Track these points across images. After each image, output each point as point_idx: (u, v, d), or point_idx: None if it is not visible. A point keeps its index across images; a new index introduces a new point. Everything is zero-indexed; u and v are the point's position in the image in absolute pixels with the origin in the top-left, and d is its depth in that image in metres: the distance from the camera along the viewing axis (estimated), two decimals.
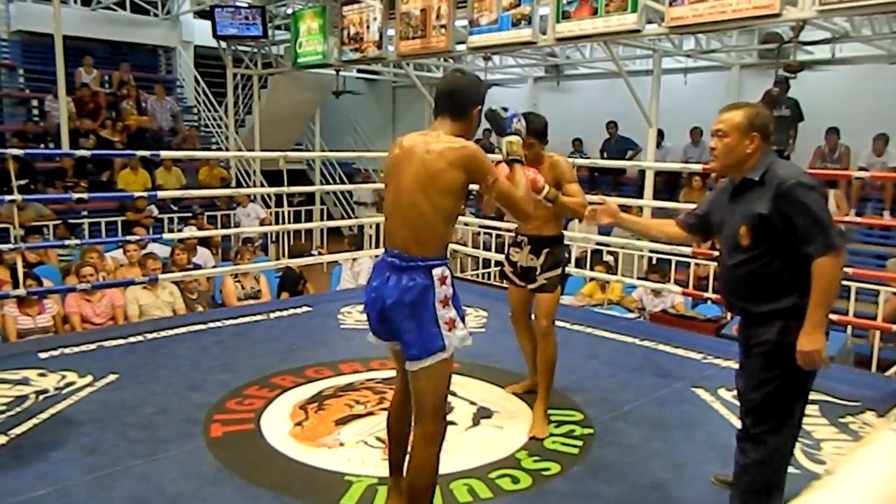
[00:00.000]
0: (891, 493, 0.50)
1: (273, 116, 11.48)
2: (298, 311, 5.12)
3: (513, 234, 3.40)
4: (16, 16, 10.80)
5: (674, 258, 6.11)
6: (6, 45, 10.92)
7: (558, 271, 3.19)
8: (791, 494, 0.57)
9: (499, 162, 2.42)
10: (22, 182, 8.32)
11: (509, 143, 2.28)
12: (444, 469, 2.57)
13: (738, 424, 3.14)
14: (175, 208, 9.21)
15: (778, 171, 2.12)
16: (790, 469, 2.75)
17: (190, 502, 2.47)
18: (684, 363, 4.07)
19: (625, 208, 7.98)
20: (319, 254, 7.06)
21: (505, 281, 3.43)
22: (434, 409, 2.13)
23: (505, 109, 2.33)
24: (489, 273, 7.89)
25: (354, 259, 6.54)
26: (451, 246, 6.49)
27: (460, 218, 6.38)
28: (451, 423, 3.12)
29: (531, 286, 3.23)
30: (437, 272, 2.07)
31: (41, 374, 3.63)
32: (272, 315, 4.98)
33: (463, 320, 2.13)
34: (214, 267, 6.82)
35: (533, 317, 3.31)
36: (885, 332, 4.59)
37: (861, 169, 7.49)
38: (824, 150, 8.22)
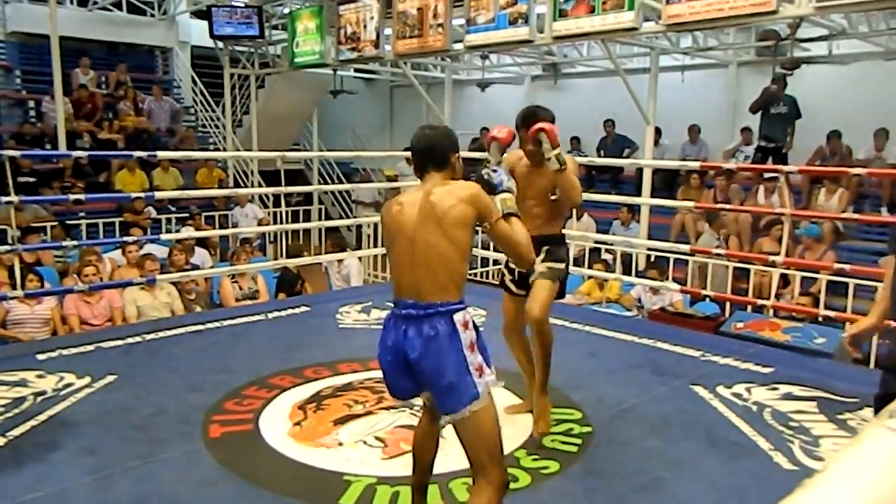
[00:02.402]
0: (882, 491, 0.50)
1: (270, 116, 11.47)
2: (296, 311, 5.12)
3: None
4: (12, 17, 10.77)
5: (671, 256, 6.11)
6: (2, 47, 10.89)
7: (561, 265, 3.10)
8: (785, 492, 0.57)
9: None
10: (29, 180, 8.33)
11: (503, 201, 2.24)
12: (442, 468, 2.58)
13: (735, 421, 3.17)
14: (173, 209, 9.20)
15: None
16: (787, 466, 2.76)
17: (189, 503, 2.47)
18: (683, 361, 4.08)
19: (622, 205, 7.94)
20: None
21: (504, 294, 3.26)
22: (491, 459, 2.03)
23: (495, 171, 2.31)
24: (487, 272, 7.89)
25: (340, 261, 6.53)
26: None
27: None
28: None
29: (531, 279, 3.07)
30: (458, 318, 2.01)
31: (39, 376, 3.63)
32: (270, 315, 4.98)
33: (490, 365, 2.06)
34: (212, 267, 6.81)
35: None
36: (883, 328, 4.59)
37: (859, 164, 7.49)
38: (825, 153, 8.20)
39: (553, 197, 3.04)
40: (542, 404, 3.05)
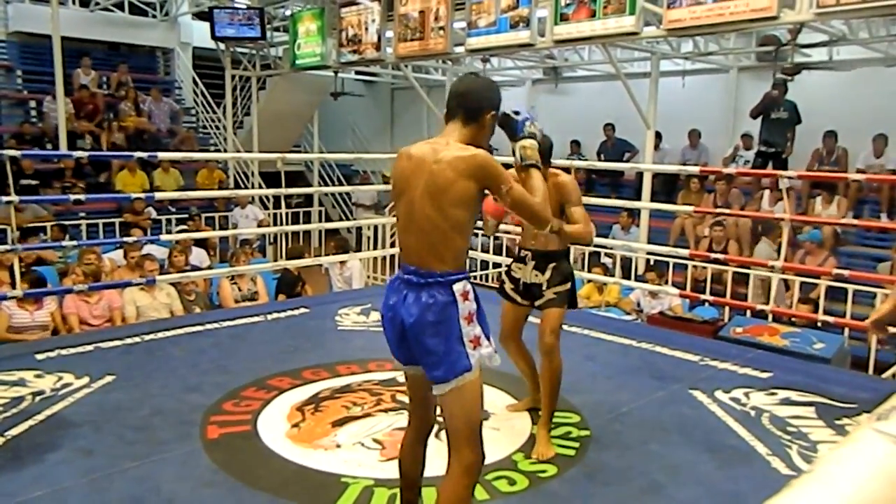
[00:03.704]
0: (867, 492, 0.50)
1: (271, 118, 11.48)
2: (296, 312, 5.12)
3: (515, 249, 3.18)
4: (13, 17, 10.79)
5: (671, 260, 6.12)
6: (4, 47, 10.91)
7: (567, 286, 3.04)
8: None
9: (511, 167, 2.31)
10: (31, 182, 8.34)
11: (523, 148, 2.18)
12: (441, 471, 2.57)
13: (734, 426, 3.17)
14: (173, 210, 9.20)
15: None
16: (785, 471, 2.76)
17: None
18: (681, 365, 4.08)
19: (622, 209, 7.95)
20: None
21: (502, 301, 3.15)
22: (469, 435, 1.99)
23: (517, 112, 2.22)
24: (487, 275, 7.89)
25: (342, 263, 6.52)
26: None
27: None
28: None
29: (537, 302, 3.05)
30: (458, 287, 1.95)
31: (38, 376, 3.62)
32: (269, 317, 4.98)
33: (488, 337, 2.02)
34: (210, 268, 6.82)
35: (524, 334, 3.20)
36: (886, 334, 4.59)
37: (859, 171, 7.50)
38: (822, 153, 8.23)
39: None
40: (542, 435, 2.93)
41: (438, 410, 2.10)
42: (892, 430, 0.56)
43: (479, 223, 2.66)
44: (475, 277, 7.55)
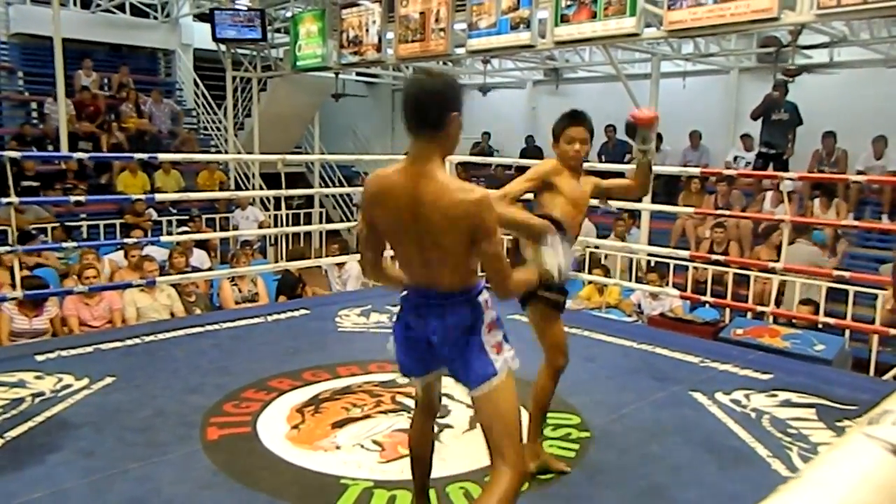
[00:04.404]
0: (857, 499, 0.50)
1: (272, 119, 11.49)
2: (296, 314, 5.12)
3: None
4: (15, 18, 10.81)
5: (672, 262, 6.11)
6: (5, 48, 10.93)
7: None
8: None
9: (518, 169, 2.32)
10: (33, 184, 8.34)
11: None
12: (439, 472, 2.57)
13: (734, 428, 3.16)
14: (174, 211, 9.21)
15: None
16: (786, 473, 2.76)
17: None
18: (682, 367, 4.07)
19: (624, 211, 7.94)
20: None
21: (559, 321, 2.73)
22: (508, 439, 1.91)
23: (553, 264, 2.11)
24: None
25: (340, 265, 6.51)
26: None
27: None
28: (448, 426, 3.13)
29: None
30: (483, 299, 1.93)
31: (38, 377, 3.62)
32: (270, 318, 4.97)
33: (507, 340, 1.98)
34: (211, 269, 6.82)
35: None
36: (883, 335, 4.59)
37: (859, 172, 7.50)
38: (822, 154, 8.23)
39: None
40: (548, 456, 2.80)
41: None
42: (883, 434, 0.56)
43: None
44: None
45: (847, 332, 4.89)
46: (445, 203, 1.78)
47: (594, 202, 3.03)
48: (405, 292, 2.01)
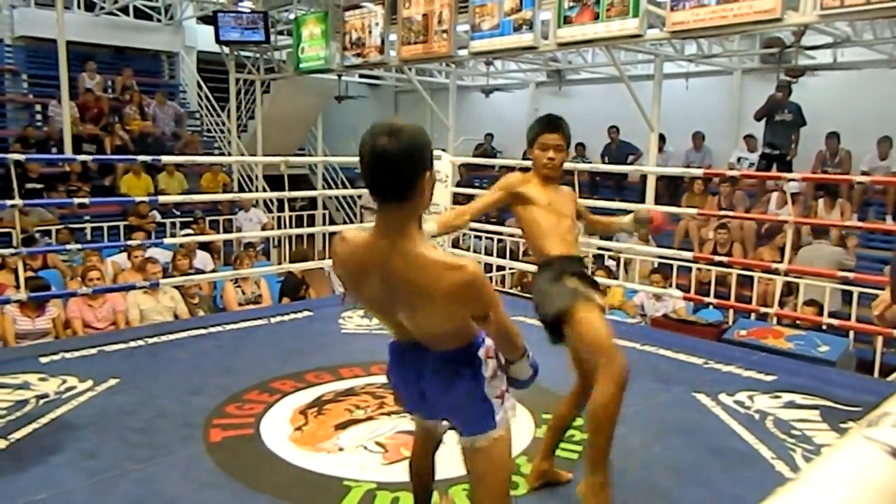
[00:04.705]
0: (854, 501, 0.50)
1: (275, 121, 11.51)
2: (299, 315, 5.13)
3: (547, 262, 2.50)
4: (20, 21, 10.85)
5: (675, 263, 6.10)
6: (10, 51, 10.97)
7: None
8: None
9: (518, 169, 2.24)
10: (37, 186, 8.37)
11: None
12: (442, 474, 2.57)
13: (738, 429, 3.16)
14: (177, 213, 9.23)
15: None
16: (789, 475, 2.75)
17: None
18: (685, 368, 4.06)
19: (626, 212, 7.97)
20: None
21: (596, 310, 2.39)
22: (498, 496, 1.81)
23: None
24: (491, 278, 7.89)
25: None
26: (451, 251, 6.51)
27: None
28: (452, 428, 3.12)
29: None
30: (482, 352, 1.76)
31: (42, 379, 3.63)
32: (273, 320, 4.98)
33: (508, 389, 1.85)
34: (214, 271, 6.83)
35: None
36: (887, 336, 4.57)
37: (864, 173, 7.48)
38: (825, 155, 8.22)
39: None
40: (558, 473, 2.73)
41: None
42: (882, 436, 0.56)
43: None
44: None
45: (851, 334, 4.88)
46: (430, 284, 1.57)
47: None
48: (393, 342, 1.86)
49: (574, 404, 2.56)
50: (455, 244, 7.07)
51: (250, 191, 11.05)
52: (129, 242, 6.61)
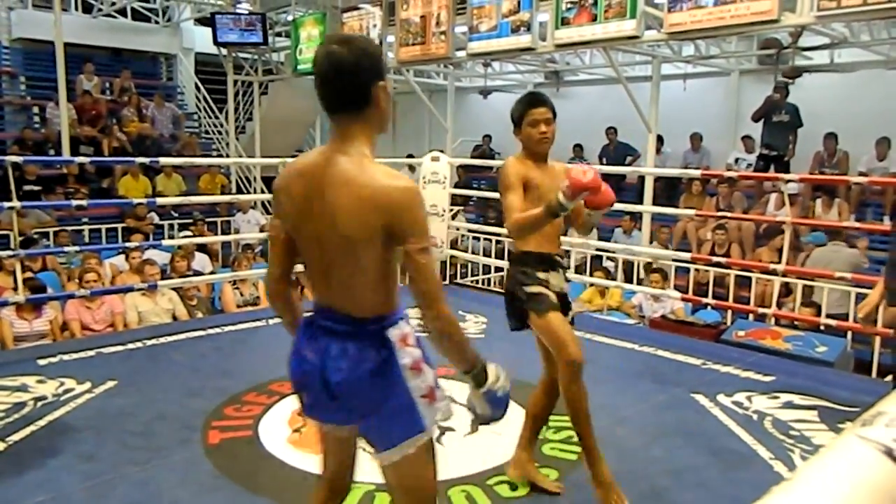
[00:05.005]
0: (848, 501, 0.50)
1: (273, 123, 11.51)
2: None
3: (534, 252, 2.54)
4: (17, 23, 10.85)
5: (673, 264, 6.10)
6: (7, 53, 10.97)
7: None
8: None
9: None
10: (35, 188, 8.36)
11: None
12: (442, 476, 2.56)
13: (736, 430, 3.16)
14: (175, 215, 9.22)
15: None
16: (788, 475, 2.75)
17: None
18: (683, 369, 4.07)
19: (623, 213, 7.93)
20: None
21: (551, 313, 2.46)
22: None
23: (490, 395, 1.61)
24: (489, 279, 7.88)
25: None
26: (449, 252, 6.50)
27: (454, 223, 6.38)
28: (450, 429, 3.12)
29: (567, 319, 2.58)
30: (394, 333, 1.53)
31: (40, 381, 3.63)
32: (271, 321, 4.97)
33: (438, 385, 1.60)
34: (212, 273, 6.82)
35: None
36: (885, 337, 4.57)
37: (861, 174, 7.49)
38: (823, 156, 8.23)
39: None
40: (539, 473, 2.73)
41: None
42: (876, 436, 0.56)
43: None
44: (475, 282, 7.54)
45: (849, 334, 4.88)
46: (358, 186, 1.44)
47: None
48: (309, 313, 1.65)
49: (544, 391, 2.63)
50: (453, 245, 7.07)
51: (248, 192, 11.04)
52: (127, 244, 6.60)
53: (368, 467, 2.77)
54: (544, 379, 2.63)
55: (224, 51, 10.84)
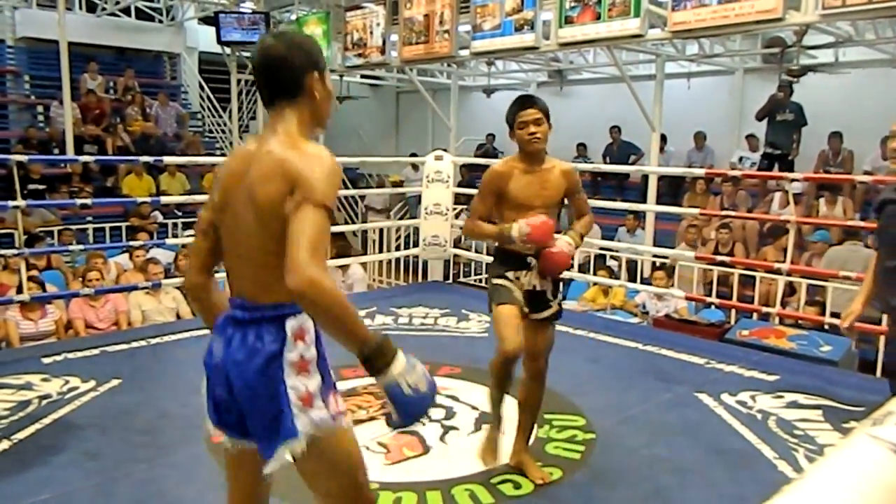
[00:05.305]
0: (859, 500, 0.50)
1: None
2: None
3: (509, 250, 2.64)
4: (21, 22, 10.86)
5: (677, 263, 6.10)
6: (12, 52, 10.98)
7: (560, 295, 2.75)
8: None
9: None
10: (39, 187, 8.38)
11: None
12: (446, 474, 2.58)
13: (740, 429, 3.16)
14: (179, 214, 9.24)
15: None
16: (792, 475, 2.74)
17: None
18: (687, 368, 4.06)
19: (627, 212, 7.92)
20: None
21: (501, 306, 2.55)
22: None
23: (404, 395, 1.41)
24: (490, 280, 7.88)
25: (341, 268, 6.48)
26: (452, 250, 6.50)
27: (458, 222, 6.36)
28: (453, 428, 3.13)
29: (542, 314, 2.64)
30: (291, 325, 1.45)
31: (44, 379, 3.64)
32: None
33: (329, 392, 1.48)
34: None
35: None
36: (889, 337, 4.56)
37: (866, 173, 7.47)
38: (828, 155, 8.21)
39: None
40: (530, 460, 2.73)
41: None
42: (887, 435, 0.56)
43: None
44: (478, 281, 7.54)
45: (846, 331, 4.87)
46: (274, 156, 1.42)
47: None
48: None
49: (529, 377, 2.72)
50: (456, 244, 7.07)
51: None
52: (131, 243, 6.62)
53: (370, 468, 2.78)
54: (525, 365, 2.69)
55: (228, 50, 10.85)
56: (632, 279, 6.26)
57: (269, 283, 1.43)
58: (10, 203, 4.44)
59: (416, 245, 6.51)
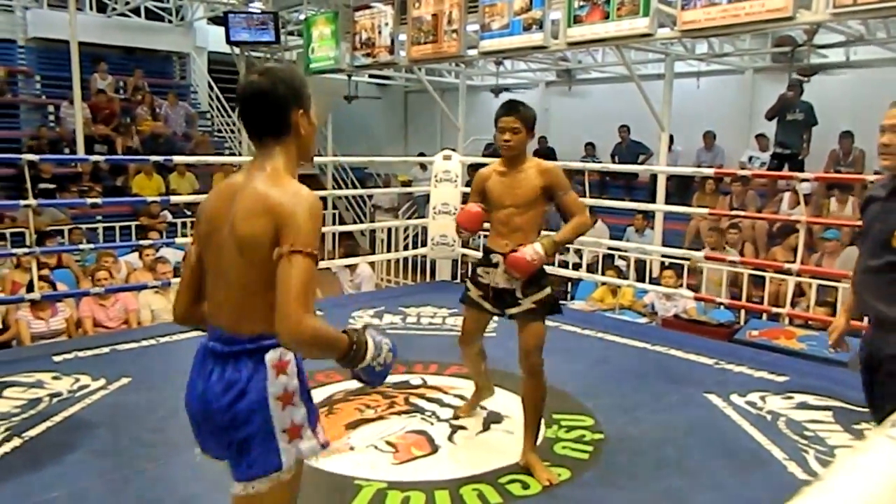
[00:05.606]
0: (880, 501, 0.50)
1: None
2: None
3: (486, 246, 2.85)
4: (32, 23, 10.93)
5: (686, 263, 6.07)
6: (23, 52, 11.06)
7: (547, 291, 2.72)
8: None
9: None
10: (49, 186, 8.44)
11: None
12: (454, 474, 2.58)
13: (749, 430, 3.15)
14: (188, 213, 9.27)
15: None
16: (802, 476, 2.73)
17: None
18: (696, 369, 4.05)
19: (636, 212, 7.90)
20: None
21: (464, 307, 2.92)
22: None
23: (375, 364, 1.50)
24: None
25: (349, 267, 6.49)
26: (460, 250, 6.49)
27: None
28: (462, 427, 3.13)
29: (511, 311, 2.74)
30: (271, 357, 1.46)
31: (55, 378, 3.66)
32: None
33: (313, 424, 1.53)
34: None
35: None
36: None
37: (877, 172, 7.42)
38: (839, 154, 8.15)
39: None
40: (536, 460, 2.73)
41: None
42: None
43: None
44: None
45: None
46: (258, 192, 1.46)
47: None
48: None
49: (525, 373, 2.77)
50: (465, 244, 7.06)
51: None
52: (140, 242, 6.65)
53: (378, 467, 2.79)
54: (520, 362, 2.75)
55: (237, 50, 10.88)
56: (640, 279, 6.24)
57: (249, 313, 1.47)
58: (22, 202, 4.48)
59: (424, 244, 6.51)
